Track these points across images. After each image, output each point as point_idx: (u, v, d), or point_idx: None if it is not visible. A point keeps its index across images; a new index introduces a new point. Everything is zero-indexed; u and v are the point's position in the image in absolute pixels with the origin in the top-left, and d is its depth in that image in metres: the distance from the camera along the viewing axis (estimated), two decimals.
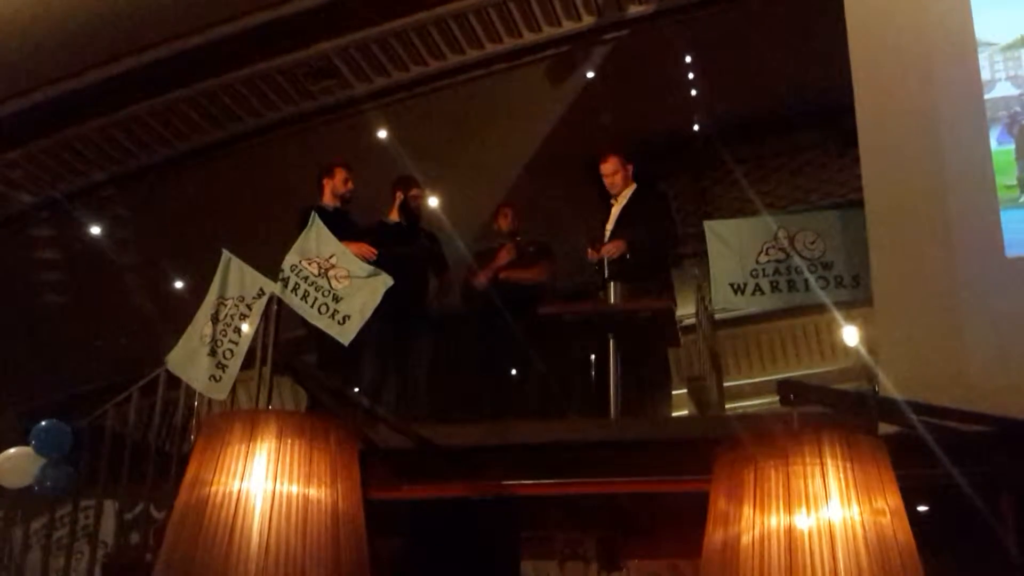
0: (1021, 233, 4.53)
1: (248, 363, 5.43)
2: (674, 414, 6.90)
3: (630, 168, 6.70)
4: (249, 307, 5.59)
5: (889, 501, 2.40)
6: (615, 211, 6.62)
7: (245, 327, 5.54)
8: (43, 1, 7.19)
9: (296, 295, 5.73)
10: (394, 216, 7.14)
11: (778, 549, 2.32)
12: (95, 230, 9.52)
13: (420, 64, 8.46)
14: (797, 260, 5.79)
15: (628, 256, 6.20)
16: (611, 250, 6.16)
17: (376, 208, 7.25)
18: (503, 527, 4.54)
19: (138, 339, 8.46)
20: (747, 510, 2.40)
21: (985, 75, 4.82)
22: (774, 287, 5.83)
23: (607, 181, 6.65)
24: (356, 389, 6.48)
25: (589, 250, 6.69)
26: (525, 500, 4.55)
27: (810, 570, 2.28)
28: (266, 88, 8.55)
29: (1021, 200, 4.64)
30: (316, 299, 5.76)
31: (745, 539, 2.38)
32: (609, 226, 6.59)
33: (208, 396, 5.68)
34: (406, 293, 6.20)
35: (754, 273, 5.87)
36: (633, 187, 6.66)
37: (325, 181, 6.98)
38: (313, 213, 6.22)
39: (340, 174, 6.98)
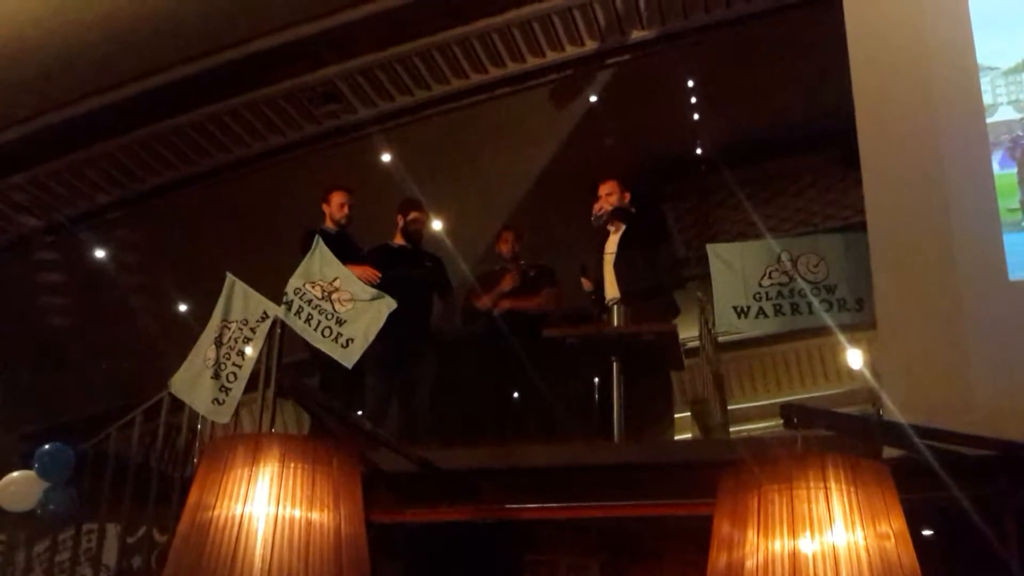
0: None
1: (251, 386, 5.43)
2: (678, 437, 6.88)
3: (627, 196, 6.75)
4: (253, 330, 5.60)
5: (893, 525, 2.40)
6: (614, 237, 6.65)
7: (249, 350, 5.55)
8: (48, 26, 7.24)
9: (300, 318, 5.74)
10: (399, 239, 7.17)
11: (783, 573, 2.32)
12: (100, 253, 9.54)
13: (424, 88, 8.50)
14: (800, 283, 5.78)
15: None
16: None
17: (380, 232, 7.27)
18: (507, 551, 4.53)
19: (141, 362, 8.47)
20: (751, 534, 2.40)
21: (987, 99, 4.84)
22: (777, 310, 5.83)
23: (598, 204, 6.70)
24: (359, 412, 6.47)
25: (583, 280, 6.74)
26: (529, 524, 4.54)
27: None
28: (270, 113, 8.58)
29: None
30: (320, 322, 5.77)
31: (749, 563, 2.38)
32: (611, 248, 6.62)
33: (211, 419, 5.68)
34: (409, 316, 6.20)
35: (757, 296, 5.86)
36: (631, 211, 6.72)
37: (324, 206, 7.04)
38: (317, 236, 6.24)
39: (336, 199, 7.02)
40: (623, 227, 6.66)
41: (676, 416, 6.80)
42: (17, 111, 7.99)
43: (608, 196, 6.73)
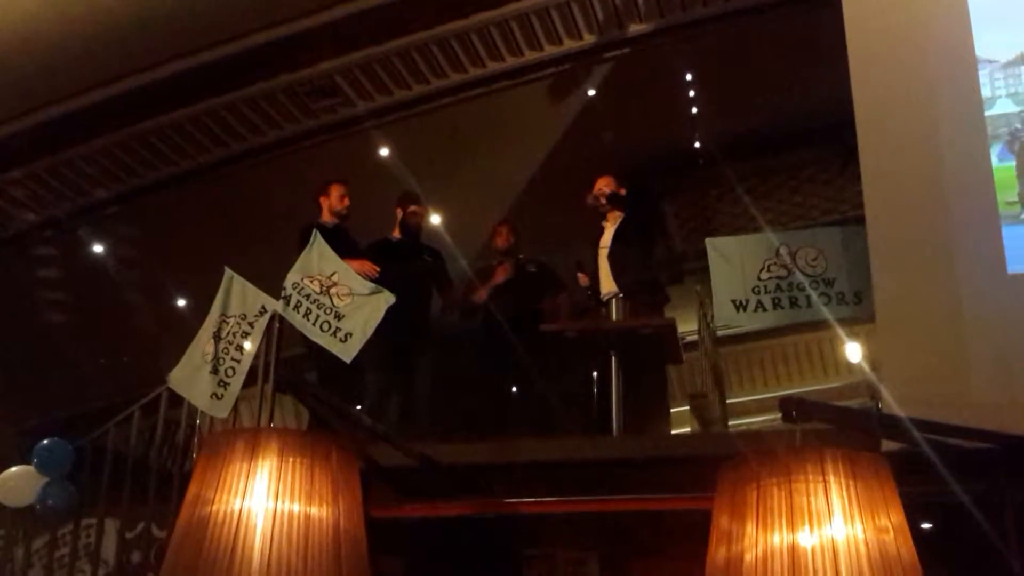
0: (1022, 250, 4.53)
1: (250, 381, 5.42)
2: (677, 431, 6.89)
3: (622, 192, 6.75)
4: (251, 325, 5.59)
5: (892, 518, 2.40)
6: (610, 230, 6.64)
7: (247, 345, 5.54)
8: (45, 22, 7.22)
9: (298, 313, 5.73)
10: (397, 233, 7.16)
11: (781, 567, 2.32)
12: (98, 248, 9.53)
13: (422, 82, 8.49)
14: (799, 277, 5.78)
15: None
16: None
17: (378, 226, 7.26)
18: (505, 546, 4.53)
19: (140, 357, 8.47)
20: (750, 528, 2.40)
21: (985, 92, 4.83)
22: (776, 304, 5.82)
23: (595, 189, 6.69)
24: (358, 407, 6.47)
25: (579, 275, 6.73)
26: (527, 518, 4.54)
27: None
28: (268, 107, 8.58)
29: (1022, 216, 4.64)
30: (318, 317, 5.76)
31: (748, 557, 2.38)
32: (605, 241, 6.61)
33: (210, 414, 5.67)
34: (408, 310, 6.20)
35: (756, 290, 5.86)
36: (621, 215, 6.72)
37: (322, 199, 7.02)
38: (315, 231, 6.23)
39: (336, 191, 7.02)
40: (619, 219, 6.66)
41: (675, 410, 6.80)
42: (14, 106, 7.98)
43: (603, 194, 6.73)
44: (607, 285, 6.48)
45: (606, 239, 6.63)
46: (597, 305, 6.50)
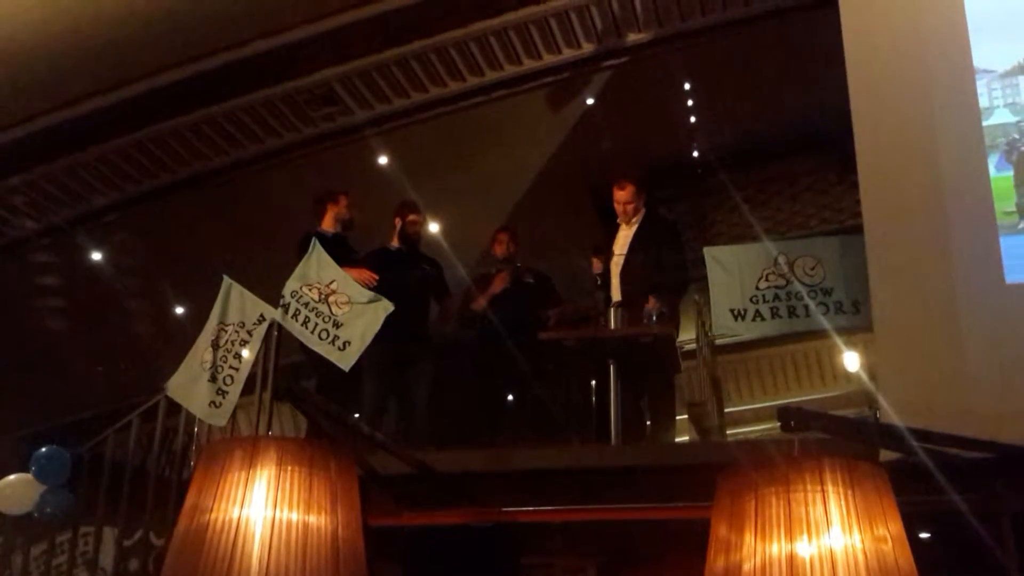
0: (1020, 259, 4.54)
1: (248, 389, 5.42)
2: (675, 440, 6.88)
3: (643, 197, 6.65)
4: (249, 333, 5.59)
5: (890, 527, 2.40)
6: (625, 234, 6.56)
7: (245, 353, 5.54)
8: (43, 30, 7.23)
9: (296, 321, 5.73)
10: (395, 242, 7.16)
11: None
12: (96, 256, 9.53)
13: (420, 91, 8.49)
14: (797, 286, 5.79)
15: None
16: None
17: (376, 235, 7.26)
18: (503, 554, 4.53)
19: (138, 365, 8.46)
20: (748, 537, 2.40)
21: (983, 102, 4.85)
22: (774, 313, 5.84)
23: (619, 208, 6.55)
24: (356, 415, 6.46)
25: (594, 260, 6.61)
26: (525, 527, 4.54)
27: None
28: (267, 115, 8.58)
29: (1020, 227, 4.65)
30: (316, 325, 5.76)
31: (747, 566, 2.38)
32: (619, 248, 6.55)
33: (208, 422, 5.67)
34: (406, 319, 6.20)
35: (754, 299, 5.87)
36: (642, 212, 6.64)
37: (329, 206, 7.01)
38: (313, 239, 6.23)
39: (344, 200, 7.03)
40: (635, 226, 6.55)
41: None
42: (14, 113, 7.98)
43: (626, 204, 6.52)
44: (618, 294, 6.40)
45: (620, 245, 6.54)
46: (606, 304, 6.41)
